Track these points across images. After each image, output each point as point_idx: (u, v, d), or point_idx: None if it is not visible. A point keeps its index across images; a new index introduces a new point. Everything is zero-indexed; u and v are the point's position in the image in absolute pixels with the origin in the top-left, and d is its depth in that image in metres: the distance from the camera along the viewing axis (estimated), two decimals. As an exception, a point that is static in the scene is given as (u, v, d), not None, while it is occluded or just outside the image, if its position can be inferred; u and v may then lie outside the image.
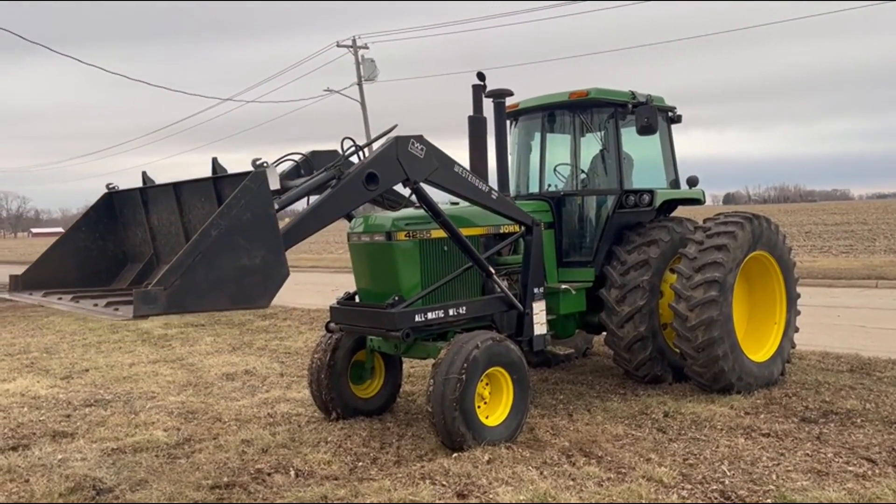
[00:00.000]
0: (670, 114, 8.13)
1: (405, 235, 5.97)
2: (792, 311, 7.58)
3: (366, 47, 35.02)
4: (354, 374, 6.64)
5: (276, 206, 5.14)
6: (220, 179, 5.06)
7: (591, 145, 7.69)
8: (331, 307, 6.47)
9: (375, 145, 5.68)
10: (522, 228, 6.52)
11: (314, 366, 6.50)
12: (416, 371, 8.34)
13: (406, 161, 5.37)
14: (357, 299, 6.44)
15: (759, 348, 7.34)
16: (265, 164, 4.62)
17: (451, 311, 5.99)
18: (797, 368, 7.83)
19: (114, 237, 5.77)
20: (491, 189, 6.09)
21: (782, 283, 7.54)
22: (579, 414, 6.52)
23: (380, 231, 5.99)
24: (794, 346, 7.67)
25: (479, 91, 6.85)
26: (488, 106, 6.96)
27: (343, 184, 5.17)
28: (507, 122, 7.40)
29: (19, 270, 5.62)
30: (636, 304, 7.01)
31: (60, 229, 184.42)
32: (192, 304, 4.19)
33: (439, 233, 6.16)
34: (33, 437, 6.40)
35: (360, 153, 5.90)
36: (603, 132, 7.56)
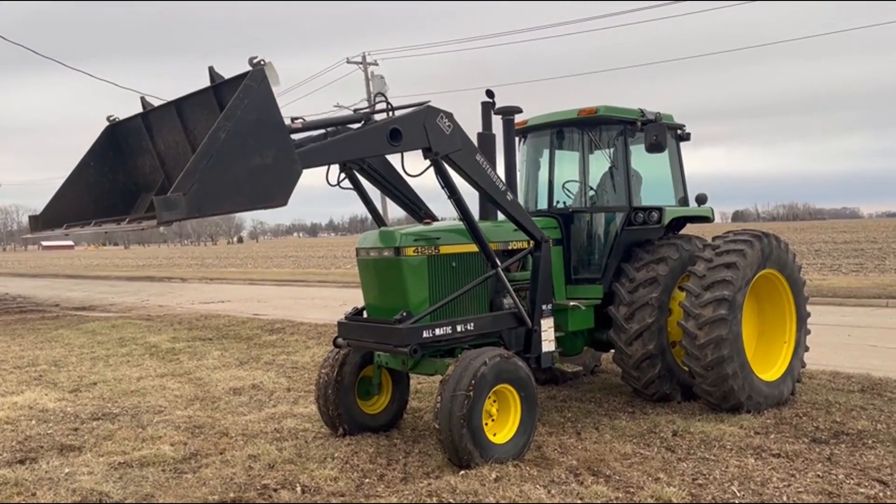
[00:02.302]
0: (679, 131, 8.14)
1: (414, 251, 5.98)
2: (802, 330, 7.54)
3: (375, 63, 35.33)
4: (362, 389, 6.63)
5: (299, 126, 5.22)
6: (219, 87, 4.95)
7: (600, 162, 7.70)
8: (338, 322, 6.47)
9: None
10: (531, 244, 6.52)
11: (321, 381, 6.49)
12: (424, 387, 8.32)
13: (431, 131, 5.46)
14: (365, 314, 6.44)
15: (769, 367, 7.29)
16: (262, 62, 4.56)
17: (458, 328, 5.98)
18: (807, 388, 7.77)
19: (123, 169, 5.64)
20: (507, 189, 6.11)
21: (792, 302, 7.49)
22: (587, 432, 6.48)
23: (388, 246, 6.01)
24: (804, 366, 7.62)
25: (488, 108, 6.89)
26: (497, 123, 7.00)
27: (368, 128, 5.29)
28: (516, 138, 7.42)
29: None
30: (645, 322, 6.99)
31: (71, 242, 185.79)
32: (211, 207, 4.24)
33: (448, 248, 6.18)
34: (41, 451, 6.41)
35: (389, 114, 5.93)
36: (612, 149, 7.57)
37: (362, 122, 5.42)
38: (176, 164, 5.24)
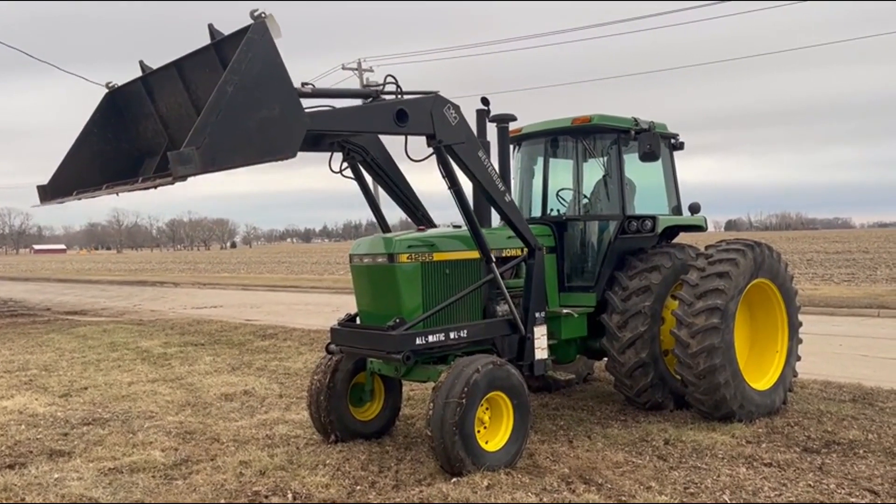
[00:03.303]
0: (672, 140, 8.18)
1: (407, 258, 5.98)
2: (794, 339, 7.56)
3: (371, 70, 35.36)
4: (354, 396, 6.61)
5: (308, 91, 5.24)
6: (220, 44, 4.89)
7: (594, 171, 7.73)
8: (331, 328, 6.46)
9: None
10: (524, 252, 6.53)
11: (313, 387, 6.47)
12: (416, 394, 8.30)
13: (437, 119, 5.52)
14: (358, 321, 6.43)
15: (760, 376, 7.31)
16: (263, 15, 4.57)
17: (452, 335, 5.98)
18: (799, 397, 7.79)
19: (126, 136, 5.57)
20: (507, 190, 6.13)
21: (784, 311, 7.52)
22: (579, 440, 6.48)
23: (382, 253, 6.01)
24: (795, 375, 7.64)
25: (482, 116, 6.91)
26: (492, 130, 7.02)
27: (376, 105, 5.35)
28: (511, 146, 7.44)
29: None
30: (638, 330, 7.00)
31: (63, 246, 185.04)
32: (224, 160, 4.29)
33: (441, 255, 6.18)
34: (30, 456, 6.36)
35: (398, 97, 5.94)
36: (605, 158, 7.60)
37: (370, 99, 5.48)
38: (180, 125, 5.20)
